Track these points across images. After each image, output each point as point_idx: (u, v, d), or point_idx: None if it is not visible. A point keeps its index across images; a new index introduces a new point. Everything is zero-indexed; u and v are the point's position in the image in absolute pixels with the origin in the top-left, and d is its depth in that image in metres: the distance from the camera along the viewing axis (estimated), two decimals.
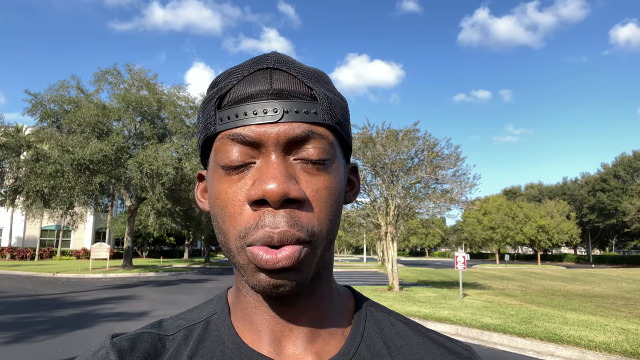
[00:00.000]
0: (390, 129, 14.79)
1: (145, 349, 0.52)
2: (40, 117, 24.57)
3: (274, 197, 0.44)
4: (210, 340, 0.54)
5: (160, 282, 19.30)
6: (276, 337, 0.53)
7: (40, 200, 23.53)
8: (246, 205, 0.47)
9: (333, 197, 0.50)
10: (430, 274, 28.34)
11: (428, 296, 13.20)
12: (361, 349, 0.54)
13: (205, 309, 0.59)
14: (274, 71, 0.50)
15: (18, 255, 36.78)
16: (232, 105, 0.49)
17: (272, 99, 0.48)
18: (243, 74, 0.50)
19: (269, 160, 0.47)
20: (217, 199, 0.49)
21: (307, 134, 0.48)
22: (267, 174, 0.46)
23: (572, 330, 8.02)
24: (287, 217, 0.45)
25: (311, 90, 0.50)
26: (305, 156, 0.48)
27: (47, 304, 11.60)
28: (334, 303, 0.57)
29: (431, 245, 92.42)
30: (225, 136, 0.49)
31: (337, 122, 0.52)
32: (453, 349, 0.58)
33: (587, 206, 59.25)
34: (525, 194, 72.19)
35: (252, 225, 0.46)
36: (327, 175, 0.50)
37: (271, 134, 0.47)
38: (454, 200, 14.58)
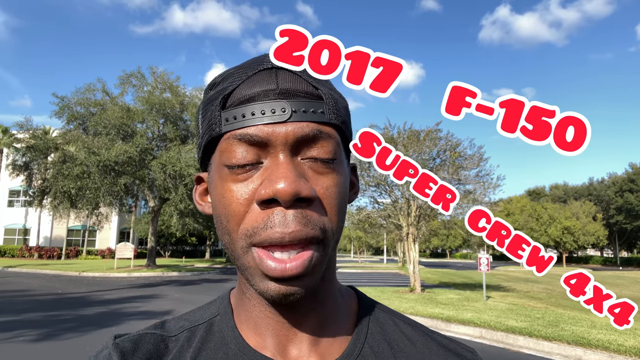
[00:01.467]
0: (411, 129, 14.68)
1: (148, 350, 0.52)
2: (67, 119, 25.19)
3: (285, 196, 0.44)
4: (214, 341, 0.54)
5: (183, 282, 19.55)
6: (280, 339, 0.53)
7: (67, 201, 24.08)
8: (253, 205, 0.47)
9: (341, 195, 0.50)
10: (452, 275, 28.02)
11: (450, 298, 13.06)
12: (365, 350, 0.54)
13: (208, 310, 0.59)
14: (278, 71, 0.49)
15: (45, 255, 37.72)
16: (238, 105, 0.48)
17: (280, 99, 0.48)
18: (247, 73, 0.50)
19: (278, 159, 0.47)
20: (222, 197, 0.49)
21: (315, 134, 0.48)
22: (278, 173, 0.45)
23: (601, 334, 7.82)
24: (298, 217, 0.45)
25: (317, 89, 0.50)
26: (314, 155, 0.48)
27: (73, 303, 11.86)
28: (338, 304, 0.57)
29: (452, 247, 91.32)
30: (232, 136, 0.48)
31: (342, 121, 0.52)
32: (457, 351, 0.58)
33: (614, 207, 57.85)
34: (549, 195, 70.84)
35: (261, 225, 0.45)
36: (335, 173, 0.50)
37: (280, 133, 0.47)
38: (477, 201, 14.38)
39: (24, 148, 26.84)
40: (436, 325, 9.14)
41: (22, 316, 9.36)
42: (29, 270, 24.60)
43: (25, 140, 27.08)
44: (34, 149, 25.89)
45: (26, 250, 37.94)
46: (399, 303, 11.39)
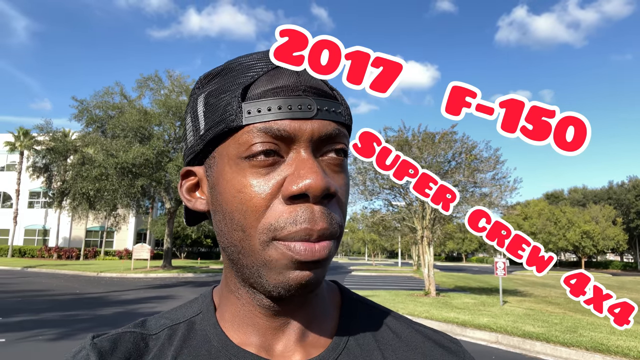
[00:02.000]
0: (426, 132, 14.60)
1: (127, 349, 0.51)
2: (86, 122, 25.64)
3: (316, 191, 0.44)
4: (196, 339, 0.53)
5: (198, 283, 19.70)
6: (266, 336, 0.52)
7: (86, 202, 24.48)
8: (276, 199, 0.46)
9: (348, 194, 0.52)
10: (467, 279, 27.73)
11: (466, 302, 12.92)
12: (350, 343, 0.54)
13: (189, 308, 0.58)
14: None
15: (64, 255, 38.36)
16: (261, 97, 0.47)
17: (305, 96, 0.48)
18: (268, 66, 0.49)
19: (301, 155, 0.47)
20: (239, 192, 0.47)
21: (337, 132, 0.49)
22: (306, 169, 0.45)
23: (620, 340, 7.67)
24: (325, 213, 0.46)
25: (332, 90, 0.51)
26: (333, 154, 0.49)
27: (91, 303, 12.04)
28: (323, 298, 0.57)
29: (468, 251, 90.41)
30: (255, 129, 0.47)
31: (351, 123, 0.54)
32: (441, 342, 0.58)
33: (634, 211, 56.69)
34: (568, 198, 69.72)
35: (289, 220, 0.45)
36: (345, 173, 0.51)
37: (306, 129, 0.47)
38: (493, 205, 14.23)
39: (44, 150, 27.41)
40: (451, 329, 9.05)
41: (41, 315, 9.53)
42: (48, 270, 25.06)
43: (45, 142, 27.64)
44: (53, 151, 26.39)
45: (45, 250, 38.65)
46: (414, 307, 11.31)
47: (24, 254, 38.89)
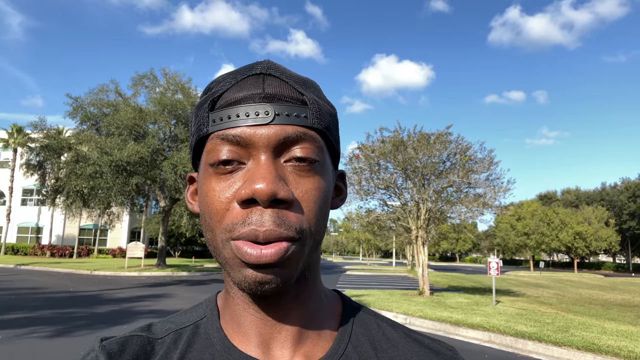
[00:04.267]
0: (421, 132, 14.67)
1: (135, 352, 0.52)
2: (81, 120, 25.52)
3: (262, 196, 0.45)
4: (199, 343, 0.55)
5: (193, 282, 19.68)
6: (264, 339, 0.54)
7: (80, 200, 24.39)
8: (234, 203, 0.48)
9: (321, 199, 0.51)
10: (461, 279, 27.87)
11: (460, 302, 13.01)
12: (348, 350, 0.55)
13: (194, 312, 0.60)
14: (266, 77, 0.52)
15: (57, 253, 38.15)
16: (225, 107, 0.50)
17: (264, 102, 0.49)
18: (237, 78, 0.52)
19: (259, 161, 0.48)
20: (205, 196, 0.50)
21: (297, 136, 0.50)
22: (257, 174, 0.47)
23: (611, 340, 7.77)
24: (274, 217, 0.46)
25: (302, 95, 0.52)
26: (296, 156, 0.50)
27: (85, 301, 12.02)
28: (322, 305, 0.58)
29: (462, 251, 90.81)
30: (217, 137, 0.50)
31: (326, 127, 0.53)
32: (438, 350, 0.59)
33: (627, 213, 57.16)
34: (561, 200, 70.13)
35: (239, 222, 0.47)
36: (316, 177, 0.51)
37: (262, 135, 0.48)
38: (487, 205, 14.32)
39: (37, 147, 27.27)
40: (445, 328, 9.13)
41: (35, 313, 9.52)
42: (41, 268, 24.91)
43: (39, 140, 27.50)
44: (47, 149, 26.27)
45: (39, 248, 38.42)
46: (408, 306, 11.39)
47: (17, 252, 38.63)
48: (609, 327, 9.25)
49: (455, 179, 14.14)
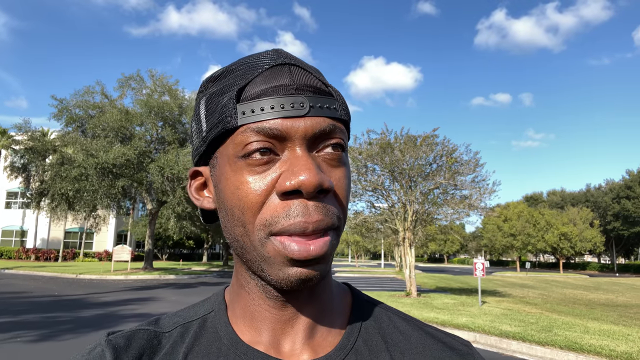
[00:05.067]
0: (408, 135, 14.78)
1: (141, 346, 0.52)
2: (66, 122, 25.24)
3: (309, 187, 0.45)
4: (207, 337, 0.54)
5: (180, 285, 19.57)
6: (275, 333, 0.53)
7: (65, 203, 24.09)
8: (272, 195, 0.47)
9: (349, 186, 0.52)
10: (448, 280, 28.07)
11: (446, 303, 13.12)
12: (358, 343, 0.54)
13: (202, 306, 0.59)
14: (292, 67, 0.51)
15: (42, 257, 37.64)
16: (255, 98, 0.49)
17: (298, 94, 0.48)
18: (257, 69, 0.50)
19: (296, 152, 0.48)
20: (237, 189, 0.48)
21: (332, 128, 0.49)
22: (299, 165, 0.46)
23: (594, 339, 7.90)
24: (319, 207, 0.46)
25: (327, 87, 0.52)
26: (329, 149, 0.50)
27: (70, 305, 11.89)
28: (332, 298, 0.58)
29: (450, 252, 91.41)
30: (249, 129, 0.48)
31: (349, 118, 0.54)
32: (452, 344, 0.58)
33: (611, 214, 58.01)
34: (547, 201, 70.97)
35: (282, 214, 0.46)
36: (344, 166, 0.52)
37: (299, 127, 0.48)
38: (473, 207, 14.47)
39: (22, 150, 26.88)
40: None
41: (19, 317, 9.40)
42: (26, 272, 24.57)
43: (24, 142, 27.12)
44: (32, 151, 25.92)
45: (23, 252, 37.88)
46: (395, 307, 11.45)
47: (1, 256, 38.05)
48: (591, 326, 9.40)
49: (441, 180, 14.26)
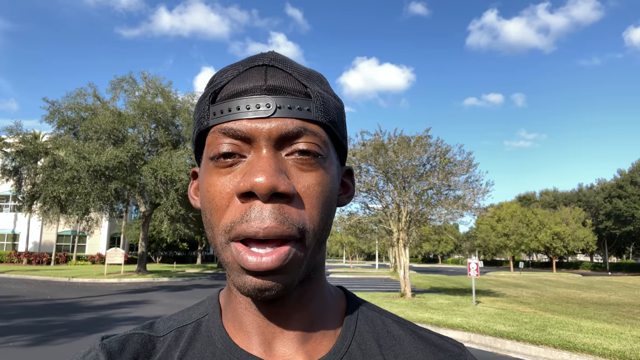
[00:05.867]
0: (402, 135, 14.82)
1: (135, 350, 0.52)
2: (58, 124, 25.08)
3: (261, 190, 0.44)
4: (201, 341, 0.54)
5: (174, 288, 19.47)
6: (266, 338, 0.53)
7: (57, 206, 23.92)
8: (234, 199, 0.47)
9: (325, 195, 0.49)
10: (442, 280, 28.15)
11: (441, 303, 13.15)
12: (352, 347, 0.54)
13: (196, 310, 0.59)
14: (269, 68, 0.50)
15: (34, 260, 37.33)
16: (226, 100, 0.49)
17: (266, 94, 0.48)
18: (239, 70, 0.51)
19: (260, 154, 0.47)
20: (206, 192, 0.49)
21: (299, 130, 0.48)
22: (257, 167, 0.45)
23: (587, 338, 7.94)
24: (274, 212, 0.45)
25: (305, 88, 0.50)
26: (297, 151, 0.48)
27: (63, 308, 11.79)
28: (326, 303, 0.57)
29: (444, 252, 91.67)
30: (217, 130, 0.49)
31: (330, 121, 0.51)
32: (444, 347, 0.58)
33: (603, 213, 58.39)
34: (539, 201, 71.37)
35: (238, 219, 0.45)
36: (319, 171, 0.49)
37: (263, 128, 0.47)
38: (466, 207, 14.52)
39: (13, 153, 26.65)
40: None
41: (12, 322, 9.31)
42: (18, 276, 24.36)
43: (15, 144, 26.89)
44: (23, 154, 25.71)
45: (15, 255, 37.54)
46: (389, 308, 11.46)
47: None
48: (585, 325, 9.46)
49: (435, 181, 14.31)
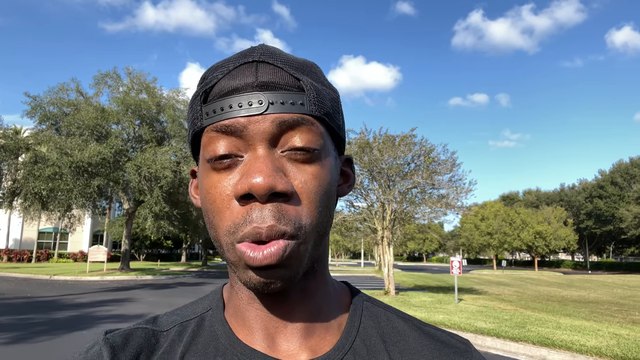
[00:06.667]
0: (387, 134, 14.91)
1: (139, 345, 0.52)
2: (40, 119, 24.64)
3: (260, 191, 0.44)
4: (204, 335, 0.54)
5: (158, 285, 19.33)
6: (270, 332, 0.53)
7: (38, 203, 23.54)
8: (234, 200, 0.47)
9: (322, 189, 0.49)
10: (427, 278, 28.40)
11: (424, 301, 13.28)
12: (357, 343, 0.54)
13: (200, 305, 0.59)
14: (259, 64, 0.49)
15: (15, 258, 36.72)
16: (218, 99, 0.49)
17: (257, 91, 0.47)
18: (229, 67, 0.50)
19: (256, 153, 0.47)
20: (207, 194, 0.49)
21: (293, 125, 0.48)
22: (254, 168, 0.45)
23: (565, 334, 8.10)
24: (273, 212, 0.45)
25: (298, 81, 0.49)
26: (293, 146, 0.48)
27: (44, 306, 11.64)
28: (329, 298, 0.57)
29: (429, 251, 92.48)
30: (211, 130, 0.48)
31: (325, 113, 0.51)
32: (450, 343, 0.57)
33: (584, 213, 59.42)
34: (523, 200, 72.33)
35: (241, 221, 0.46)
36: (316, 166, 0.49)
37: (257, 125, 0.47)
38: (449, 206, 14.68)
39: None
40: None
41: None
42: None
43: None
44: (4, 149, 25.19)
45: None
46: None
47: None
48: (563, 322, 9.64)
49: (419, 180, 14.43)
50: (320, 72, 0.55)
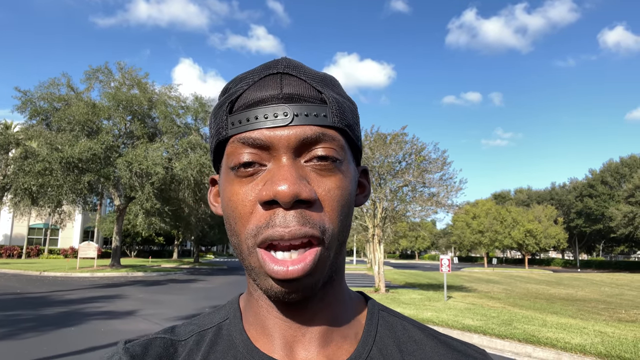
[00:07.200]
0: (378, 133, 14.97)
1: (158, 354, 0.53)
2: (30, 114, 24.45)
3: (285, 198, 0.45)
4: (222, 344, 0.54)
5: (148, 282, 19.28)
6: (288, 341, 0.53)
7: (28, 198, 23.40)
8: (257, 206, 0.48)
9: (344, 198, 0.51)
10: (418, 276, 28.56)
11: (413, 298, 13.37)
12: (374, 352, 0.54)
13: (217, 314, 0.59)
14: (284, 76, 0.51)
15: (5, 254, 36.46)
16: (244, 109, 0.50)
17: (283, 103, 0.49)
18: (254, 79, 0.51)
19: (280, 162, 0.48)
20: (229, 200, 0.50)
21: (317, 136, 0.49)
22: (279, 176, 0.46)
23: (550, 332, 8.21)
24: (297, 217, 0.46)
25: (320, 94, 0.51)
26: (317, 156, 0.49)
27: (33, 303, 11.59)
28: (346, 307, 0.57)
29: (421, 248, 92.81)
30: (237, 140, 0.50)
31: (346, 125, 0.52)
32: (466, 352, 0.58)
33: (574, 211, 59.96)
34: (514, 199, 72.82)
35: (263, 224, 0.47)
36: (338, 175, 0.50)
37: (282, 136, 0.48)
38: (440, 204, 14.77)
39: None
40: None
41: None
42: None
43: None
44: None
45: None
46: None
47: None
48: (550, 320, 9.76)
49: (410, 178, 14.51)
50: (339, 85, 0.57)
